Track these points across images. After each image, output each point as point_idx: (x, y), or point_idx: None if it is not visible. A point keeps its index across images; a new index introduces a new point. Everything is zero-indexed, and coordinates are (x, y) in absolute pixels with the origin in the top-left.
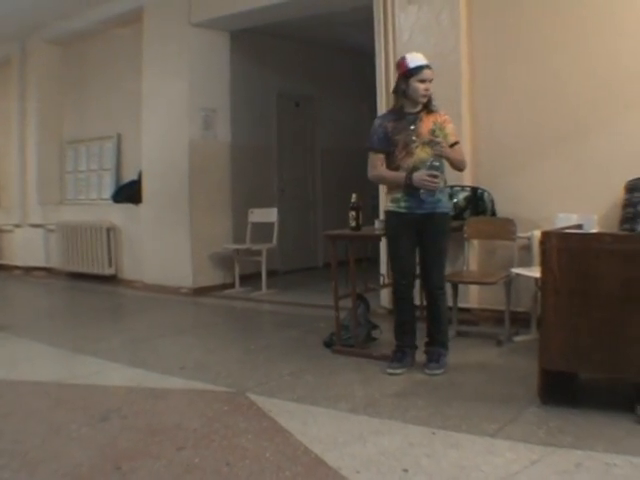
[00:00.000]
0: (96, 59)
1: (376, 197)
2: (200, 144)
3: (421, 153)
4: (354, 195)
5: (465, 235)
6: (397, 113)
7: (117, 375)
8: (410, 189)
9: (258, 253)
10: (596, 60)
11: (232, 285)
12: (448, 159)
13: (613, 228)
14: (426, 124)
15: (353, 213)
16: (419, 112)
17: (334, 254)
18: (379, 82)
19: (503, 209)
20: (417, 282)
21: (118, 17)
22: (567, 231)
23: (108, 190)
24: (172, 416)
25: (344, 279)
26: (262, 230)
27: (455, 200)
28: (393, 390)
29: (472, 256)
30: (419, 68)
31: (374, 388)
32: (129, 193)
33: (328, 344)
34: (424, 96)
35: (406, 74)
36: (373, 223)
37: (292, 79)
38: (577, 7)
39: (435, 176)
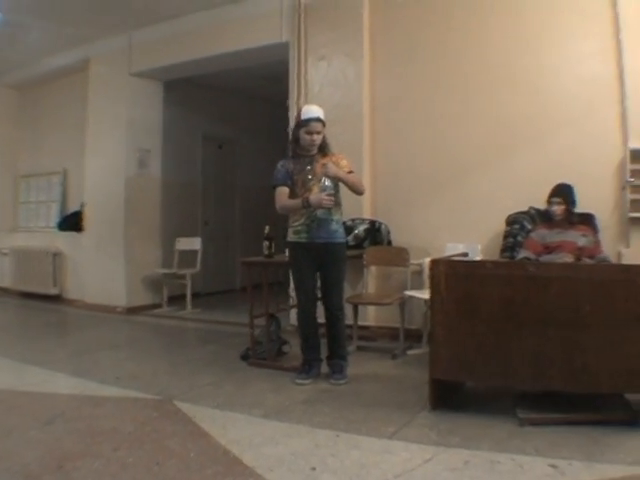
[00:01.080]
0: (48, 103)
1: (286, 229)
2: (135, 180)
3: (316, 189)
4: (267, 227)
5: (364, 262)
6: (293, 155)
7: (62, 384)
8: (310, 220)
9: (184, 277)
10: (476, 109)
11: (161, 305)
12: (341, 180)
13: (495, 256)
14: (321, 165)
15: (266, 243)
16: (314, 155)
17: (250, 278)
18: (291, 129)
19: (398, 239)
20: (319, 303)
21: (68, 66)
22: (454, 259)
23: (55, 219)
24: (109, 421)
25: (259, 300)
26: (187, 257)
27: (356, 231)
28: (301, 398)
29: (371, 280)
30: (307, 121)
31: (284, 396)
32: (73, 222)
33: (244, 357)
34: (311, 145)
35: (298, 124)
36: (284, 251)
37: (216, 124)
38: (462, 66)
39: (330, 194)
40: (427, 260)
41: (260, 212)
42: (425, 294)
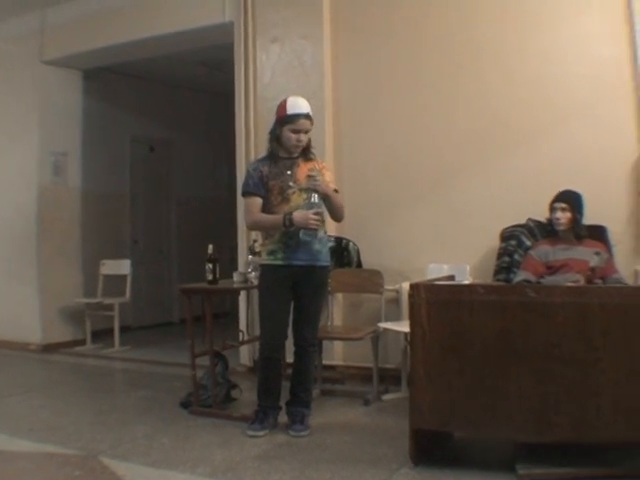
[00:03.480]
0: None
1: (235, 248)
2: (50, 189)
3: (298, 199)
4: (210, 246)
5: (329, 288)
6: (272, 157)
7: None
8: (287, 237)
9: (110, 307)
10: (465, 102)
11: (83, 341)
12: (328, 198)
13: (487, 278)
14: (303, 170)
15: (210, 265)
16: (296, 158)
17: (189, 309)
18: (238, 125)
19: (370, 260)
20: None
21: None
22: (437, 283)
23: None
24: None
25: (201, 335)
26: (114, 283)
27: None
28: (255, 453)
29: (337, 310)
30: (294, 116)
31: (234, 451)
32: None
33: (185, 404)
34: (296, 147)
35: (282, 120)
36: (231, 276)
37: (147, 122)
38: (445, 49)
39: (318, 213)
40: (405, 285)
41: (201, 228)
42: (403, 326)
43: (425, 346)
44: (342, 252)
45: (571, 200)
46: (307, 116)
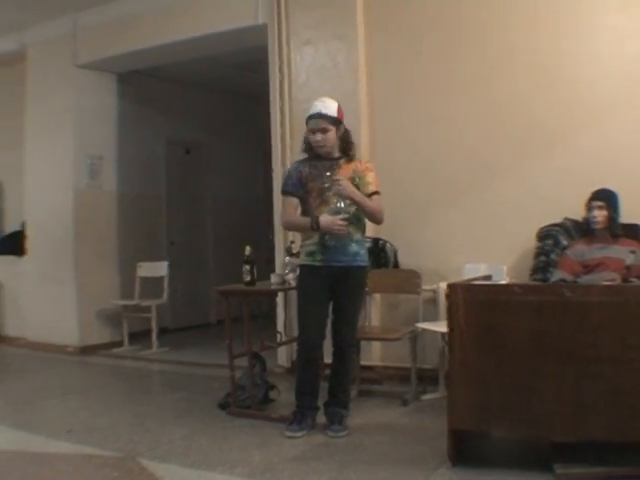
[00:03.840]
0: None
1: (271, 249)
2: (85, 193)
3: (336, 202)
4: (248, 248)
5: (367, 289)
6: (313, 159)
7: (0, 439)
8: (325, 239)
9: (147, 309)
10: (499, 102)
11: (121, 343)
12: (356, 202)
13: (524, 278)
14: (345, 172)
15: (247, 267)
16: (338, 159)
17: (227, 310)
18: (274, 126)
19: (407, 260)
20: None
21: (0, 57)
22: (474, 283)
23: None
24: None
25: (239, 337)
26: (151, 285)
27: None
28: (292, 454)
29: (374, 311)
30: (308, 117)
31: (272, 452)
32: (11, 245)
33: (223, 406)
34: (317, 147)
35: (306, 121)
36: (269, 277)
37: (182, 124)
38: (479, 50)
39: (345, 219)
40: (443, 285)
41: (238, 229)
42: (441, 326)
43: (463, 346)
44: (379, 253)
45: (608, 198)
46: (320, 115)
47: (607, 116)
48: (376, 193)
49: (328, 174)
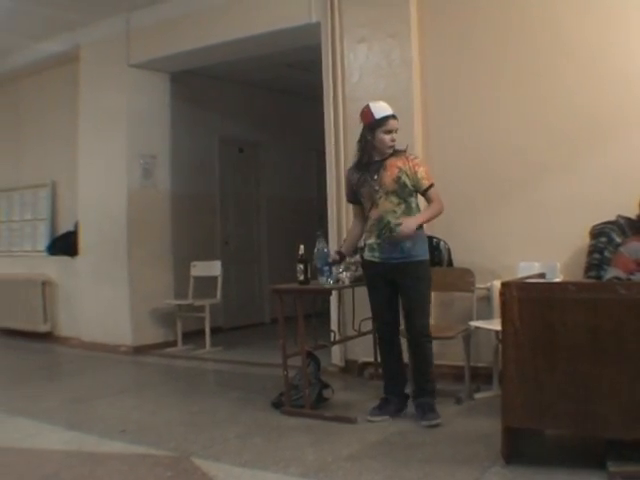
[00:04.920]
0: (30, 102)
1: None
2: (139, 193)
3: (385, 203)
4: (301, 247)
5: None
6: (361, 163)
7: (54, 438)
8: (381, 239)
9: (201, 309)
10: (550, 100)
11: (174, 343)
12: (422, 224)
13: (578, 276)
14: (390, 171)
15: (301, 266)
16: (384, 159)
17: (281, 309)
18: (327, 125)
19: (460, 258)
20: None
21: (53, 57)
22: (528, 281)
23: (43, 241)
24: None
25: (293, 336)
26: (205, 284)
27: None
28: (347, 452)
29: None
30: (385, 119)
31: (326, 451)
32: (65, 245)
33: (277, 405)
34: (390, 147)
35: (372, 125)
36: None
37: (235, 123)
38: (530, 46)
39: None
40: (496, 283)
41: (291, 229)
42: (495, 325)
43: (517, 344)
44: (433, 251)
45: None
46: (394, 116)
47: None
48: (431, 186)
49: (375, 177)
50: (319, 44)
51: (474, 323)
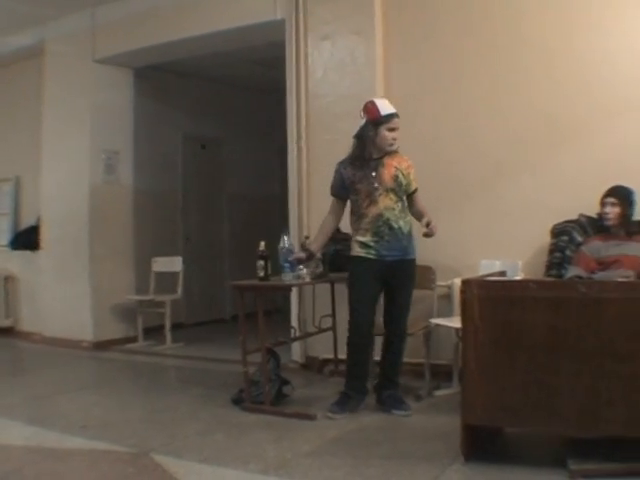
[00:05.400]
0: None
1: None
2: (101, 189)
3: (385, 200)
4: (262, 243)
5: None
6: (357, 159)
7: (15, 434)
8: (379, 236)
9: (162, 305)
10: (513, 100)
11: (135, 339)
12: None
13: (539, 275)
14: (388, 169)
15: (261, 262)
16: (381, 157)
17: (242, 306)
18: (290, 122)
19: (422, 256)
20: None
21: (19, 51)
22: (489, 279)
23: (5, 236)
24: (73, 479)
25: (253, 332)
26: (166, 280)
27: None
28: (306, 449)
29: None
30: (390, 116)
31: (286, 447)
32: (27, 239)
33: (237, 401)
34: (391, 145)
35: (377, 121)
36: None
37: (199, 120)
38: (492, 46)
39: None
40: (457, 281)
41: (253, 225)
42: (455, 322)
43: (477, 342)
44: None
45: (621, 195)
46: (397, 115)
47: (622, 114)
48: (416, 190)
49: (374, 174)
50: (284, 41)
51: (435, 320)
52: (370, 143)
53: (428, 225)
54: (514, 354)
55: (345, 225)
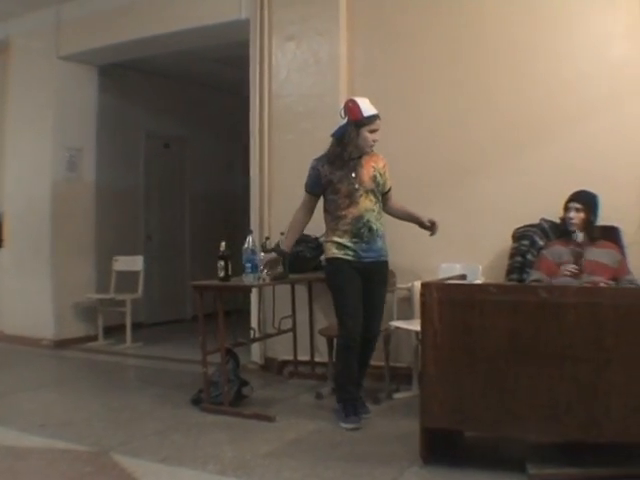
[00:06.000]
0: None
1: None
2: (64, 185)
3: (365, 202)
4: (223, 243)
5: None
6: (336, 158)
7: None
8: (358, 237)
9: (123, 304)
10: (476, 102)
11: (96, 337)
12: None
13: (500, 278)
14: (367, 170)
15: (222, 262)
16: (359, 158)
17: (201, 306)
18: (253, 122)
19: None
20: None
21: None
22: (449, 282)
23: None
24: (32, 477)
25: (213, 332)
26: (127, 279)
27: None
28: (265, 450)
29: None
30: (372, 117)
31: (245, 448)
32: None
33: (196, 401)
34: (371, 146)
35: (359, 122)
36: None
37: (162, 118)
38: (456, 48)
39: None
40: (417, 284)
41: (216, 225)
42: (415, 325)
43: (436, 345)
44: None
45: (586, 201)
46: (379, 117)
47: (585, 118)
48: (390, 188)
49: (353, 175)
50: (248, 40)
51: (394, 323)
52: (351, 144)
53: (433, 225)
54: (473, 358)
55: (306, 227)
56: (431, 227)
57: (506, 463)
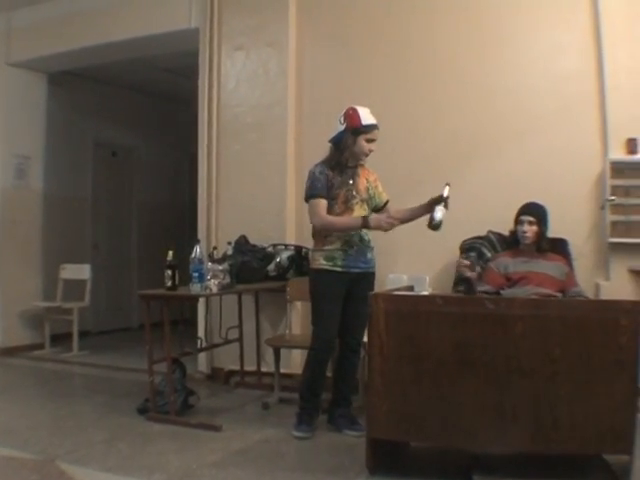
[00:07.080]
0: None
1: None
2: (12, 193)
3: (360, 210)
4: (170, 252)
5: (288, 296)
6: (336, 163)
7: None
8: (348, 245)
9: (69, 312)
10: (423, 113)
11: (42, 345)
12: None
13: (447, 290)
14: (362, 180)
15: (169, 272)
16: (355, 167)
17: (148, 315)
18: (201, 131)
19: None
20: None
21: None
22: (396, 293)
23: None
24: None
25: (159, 342)
26: (74, 287)
27: (278, 259)
28: (211, 460)
29: (295, 318)
30: (371, 127)
31: (191, 458)
32: None
33: (142, 410)
34: (366, 156)
35: (357, 129)
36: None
37: (110, 127)
38: (407, 59)
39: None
40: None
41: (163, 234)
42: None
43: (383, 356)
44: (301, 261)
45: (538, 214)
46: (378, 127)
47: (532, 131)
48: (388, 201)
49: (351, 182)
50: (197, 50)
51: None
52: (347, 150)
53: (441, 196)
54: (420, 369)
55: (253, 237)
56: (439, 199)
57: (452, 474)
